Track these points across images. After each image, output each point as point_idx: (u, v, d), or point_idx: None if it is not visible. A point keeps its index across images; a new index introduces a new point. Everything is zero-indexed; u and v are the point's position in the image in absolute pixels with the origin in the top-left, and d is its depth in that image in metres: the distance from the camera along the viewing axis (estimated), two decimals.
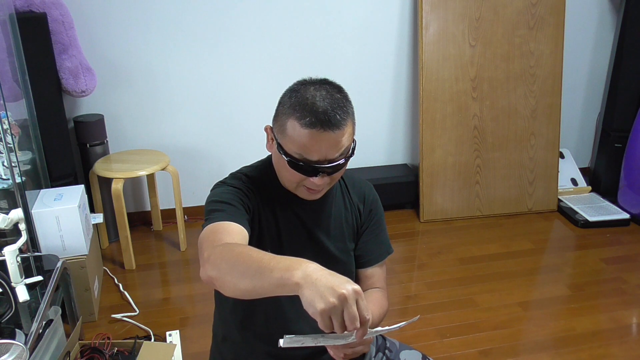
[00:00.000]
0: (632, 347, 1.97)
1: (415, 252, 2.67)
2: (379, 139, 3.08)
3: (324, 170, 1.00)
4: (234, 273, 0.82)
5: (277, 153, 1.04)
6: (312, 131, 0.96)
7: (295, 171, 1.01)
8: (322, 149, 0.98)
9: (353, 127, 1.03)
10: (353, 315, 0.70)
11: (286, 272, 0.75)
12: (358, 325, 0.71)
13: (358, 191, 1.23)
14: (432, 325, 2.08)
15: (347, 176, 1.22)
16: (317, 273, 0.73)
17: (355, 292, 0.71)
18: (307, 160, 0.99)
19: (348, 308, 0.70)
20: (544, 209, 3.03)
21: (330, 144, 0.98)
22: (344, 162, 1.03)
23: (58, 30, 2.30)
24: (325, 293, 0.70)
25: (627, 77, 3.01)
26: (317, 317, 0.70)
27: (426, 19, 2.73)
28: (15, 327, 1.47)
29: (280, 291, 0.77)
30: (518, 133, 2.93)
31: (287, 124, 1.00)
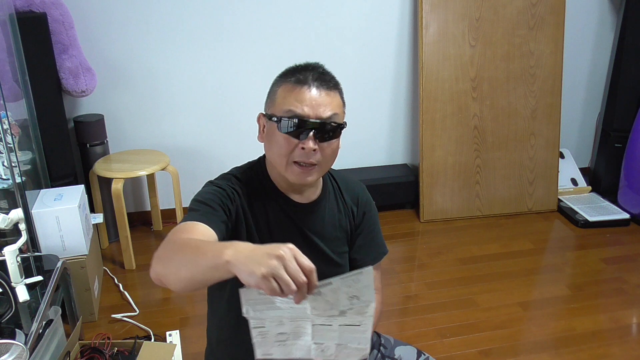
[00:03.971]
0: (632, 347, 1.97)
1: (415, 252, 2.67)
2: (379, 139, 3.08)
3: (315, 127, 1.00)
4: (175, 264, 0.83)
5: (268, 133, 1.05)
6: (303, 87, 1.00)
7: (285, 135, 1.01)
8: (312, 103, 1.00)
9: (343, 102, 1.08)
10: (295, 269, 0.71)
11: (217, 252, 0.75)
12: (303, 278, 0.71)
13: (351, 193, 1.22)
14: (432, 325, 2.08)
15: (339, 178, 1.23)
16: (247, 248, 0.74)
17: (290, 249, 0.72)
18: (298, 115, 0.99)
19: (288, 264, 0.71)
20: (544, 209, 3.03)
21: (320, 100, 1.01)
22: (335, 128, 1.03)
23: (58, 30, 2.30)
24: (262, 258, 0.70)
25: (627, 77, 3.01)
26: (262, 284, 0.70)
27: (426, 19, 2.73)
28: (15, 327, 1.47)
29: (216, 274, 0.77)
30: (518, 133, 2.93)
31: (277, 92, 1.04)
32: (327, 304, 0.82)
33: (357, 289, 0.82)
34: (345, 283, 0.81)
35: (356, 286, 0.81)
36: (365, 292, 0.83)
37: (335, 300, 0.83)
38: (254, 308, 0.82)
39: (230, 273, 0.74)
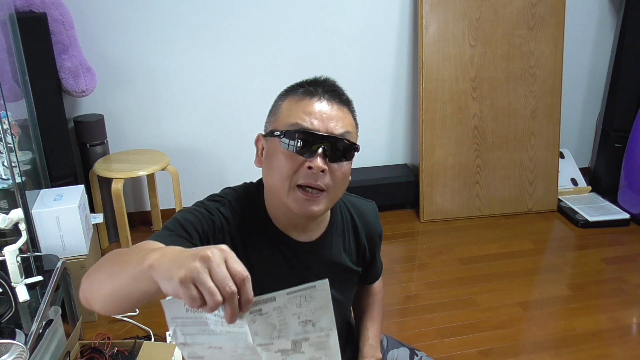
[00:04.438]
0: (632, 347, 1.97)
1: (415, 252, 2.67)
2: (379, 139, 3.08)
3: (325, 143, 0.86)
4: (98, 277, 0.72)
5: (269, 154, 0.91)
6: (313, 99, 0.89)
7: (289, 153, 0.86)
8: (323, 116, 0.87)
9: (356, 123, 0.95)
10: (222, 275, 0.57)
11: (142, 258, 0.63)
12: (232, 286, 0.58)
13: (365, 224, 1.09)
14: (432, 325, 2.08)
15: (351, 204, 1.09)
16: (176, 250, 0.63)
17: (221, 251, 0.59)
18: (305, 129, 0.86)
19: (214, 267, 0.58)
20: (544, 209, 3.03)
21: (332, 114, 0.88)
22: (348, 147, 0.89)
23: (58, 30, 2.30)
24: (184, 260, 0.58)
25: (627, 77, 3.01)
26: (179, 291, 0.57)
27: (426, 19, 2.73)
28: (15, 327, 1.47)
29: (140, 285, 0.64)
30: (518, 133, 2.93)
31: (281, 106, 0.92)
32: (272, 328, 0.66)
33: (310, 310, 0.66)
34: (293, 301, 0.65)
35: (308, 306, 0.66)
36: (322, 316, 0.67)
37: (283, 324, 0.66)
38: (183, 330, 0.66)
39: (154, 282, 0.61)
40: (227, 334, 0.66)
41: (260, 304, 0.64)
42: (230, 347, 0.68)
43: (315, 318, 0.67)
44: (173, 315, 0.65)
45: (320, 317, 0.67)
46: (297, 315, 0.67)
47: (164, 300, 0.63)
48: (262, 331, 0.66)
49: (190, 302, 0.58)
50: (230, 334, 0.66)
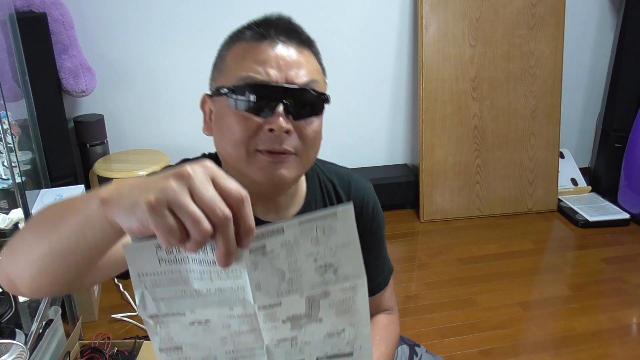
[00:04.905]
0: (632, 347, 1.97)
1: (415, 252, 2.67)
2: (379, 139, 3.08)
3: (286, 96, 0.69)
4: (26, 241, 0.53)
5: (218, 118, 0.75)
6: (263, 43, 0.72)
7: (242, 114, 0.69)
8: (279, 63, 0.70)
9: (322, 69, 0.78)
10: (210, 195, 0.42)
11: (88, 199, 0.47)
12: (225, 209, 0.42)
13: (355, 192, 0.91)
14: (432, 325, 2.08)
15: (331, 172, 0.91)
16: (135, 179, 0.46)
17: (206, 167, 0.44)
18: (259, 82, 0.69)
19: (198, 186, 0.42)
20: (544, 209, 3.02)
21: (292, 60, 0.71)
22: (316, 99, 0.72)
23: (58, 30, 2.30)
24: (153, 183, 0.42)
25: (627, 77, 3.00)
26: (149, 220, 0.41)
27: (426, 19, 2.73)
28: (15, 327, 1.47)
29: (88, 234, 0.47)
30: (518, 133, 2.93)
31: (227, 57, 0.75)
32: (279, 277, 0.49)
33: (330, 249, 0.49)
34: (307, 234, 0.48)
35: (328, 243, 0.49)
36: (346, 259, 0.50)
37: (294, 271, 0.49)
38: (155, 294, 0.48)
39: (108, 224, 0.45)
40: (217, 293, 0.49)
41: (264, 237, 0.47)
42: (221, 320, 0.51)
43: (337, 261, 0.50)
44: (140, 271, 0.47)
45: (343, 260, 0.50)
46: (313, 257, 0.49)
47: (127, 245, 0.45)
48: (266, 283, 0.49)
49: (166, 235, 0.41)
50: (223, 294, 0.49)
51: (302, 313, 0.52)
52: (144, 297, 0.49)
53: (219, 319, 0.51)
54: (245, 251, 0.47)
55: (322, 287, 0.51)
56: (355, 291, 0.52)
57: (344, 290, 0.52)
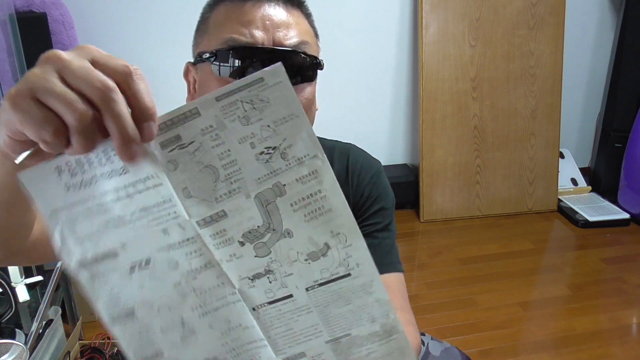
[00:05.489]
0: (632, 347, 1.97)
1: (415, 252, 2.67)
2: (379, 139, 3.08)
3: (271, 59, 0.61)
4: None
5: (202, 85, 0.69)
6: (248, 3, 0.65)
7: (225, 80, 0.63)
8: (266, 23, 0.64)
9: (314, 31, 0.74)
10: (84, 68, 0.34)
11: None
12: (106, 80, 0.34)
13: (353, 163, 0.82)
14: (432, 325, 2.08)
15: (339, 148, 0.84)
16: None
17: (82, 48, 0.36)
18: (243, 43, 0.63)
19: (70, 65, 0.34)
20: (544, 209, 3.02)
21: (279, 20, 0.65)
22: (307, 62, 0.66)
23: (58, 30, 2.30)
24: (20, 81, 0.35)
25: (627, 77, 3.00)
26: (13, 118, 0.34)
27: (426, 19, 2.73)
28: (15, 327, 1.47)
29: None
30: (518, 133, 2.93)
31: (210, 20, 0.70)
32: (211, 176, 0.39)
33: (267, 127, 0.38)
34: (231, 114, 0.38)
35: (263, 119, 0.38)
36: (296, 136, 0.39)
37: (229, 163, 0.39)
38: (77, 235, 0.40)
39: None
40: (143, 215, 0.40)
41: (175, 125, 0.39)
42: (162, 255, 0.41)
43: (282, 141, 0.39)
44: (52, 207, 0.39)
45: (290, 139, 0.39)
46: (248, 142, 0.39)
47: (22, 173, 0.38)
48: (195, 186, 0.39)
49: (37, 130, 0.33)
50: (149, 213, 0.40)
51: (259, 224, 0.41)
52: (65, 239, 0.40)
53: (160, 255, 0.41)
54: (154, 147, 0.38)
55: (271, 179, 0.40)
56: (319, 179, 0.40)
57: (302, 180, 0.40)
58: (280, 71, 0.38)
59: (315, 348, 0.45)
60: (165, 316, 0.43)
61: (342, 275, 0.43)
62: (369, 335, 0.45)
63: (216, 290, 0.43)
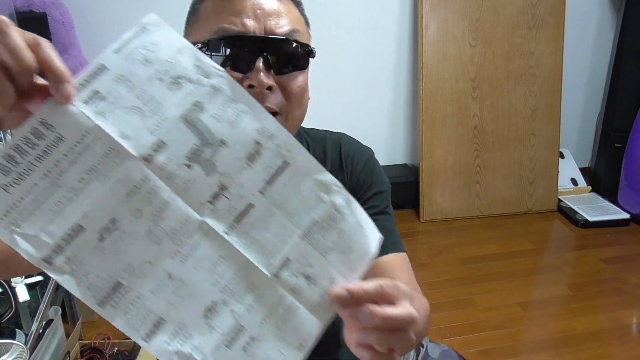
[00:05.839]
0: (633, 347, 1.97)
1: (415, 252, 2.67)
2: (379, 139, 3.08)
3: (265, 48, 0.63)
4: None
5: None
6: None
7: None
8: (256, 12, 0.64)
9: (305, 19, 0.73)
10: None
11: None
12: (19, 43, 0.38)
13: (346, 152, 0.85)
14: (432, 325, 2.07)
15: (332, 138, 0.86)
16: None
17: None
18: (234, 33, 0.63)
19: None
20: (544, 209, 3.02)
21: (269, 8, 0.65)
22: (299, 50, 0.66)
23: (58, 30, 2.30)
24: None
25: (627, 77, 3.01)
26: None
27: (426, 19, 2.73)
28: (15, 327, 1.47)
29: None
30: (518, 133, 2.93)
31: (200, 9, 0.69)
32: (137, 113, 0.43)
33: (167, 62, 0.46)
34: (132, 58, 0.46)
35: (160, 58, 0.46)
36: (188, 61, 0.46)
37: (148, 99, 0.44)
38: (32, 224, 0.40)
39: None
40: (92, 174, 0.41)
41: (90, 82, 0.43)
42: (126, 216, 0.42)
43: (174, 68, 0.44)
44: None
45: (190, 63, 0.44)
46: (157, 78, 0.44)
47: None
48: (127, 126, 0.42)
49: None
50: (96, 172, 0.41)
51: (196, 142, 0.44)
52: (27, 237, 0.40)
53: (122, 209, 0.42)
54: (80, 106, 0.41)
55: (187, 99, 0.44)
56: (222, 86, 0.45)
57: (210, 91, 0.45)
58: (156, 18, 0.46)
59: (295, 248, 0.47)
60: (149, 276, 0.43)
61: (281, 165, 0.46)
62: (330, 215, 0.48)
63: (186, 227, 0.44)
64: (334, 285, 0.48)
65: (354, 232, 0.49)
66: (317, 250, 0.47)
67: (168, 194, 0.43)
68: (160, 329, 0.43)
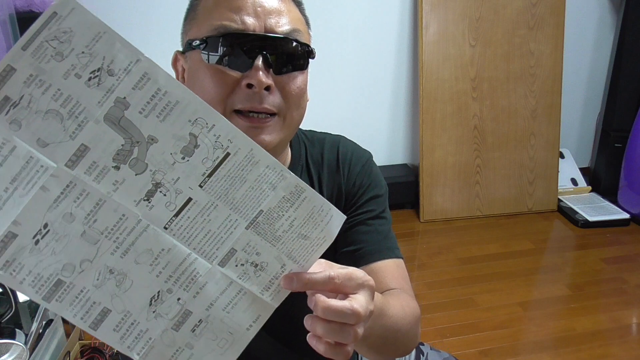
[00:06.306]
0: (633, 347, 1.97)
1: (415, 252, 2.67)
2: (379, 139, 3.08)
3: (265, 46, 0.61)
4: None
5: (191, 75, 0.69)
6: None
7: (216, 68, 0.62)
8: (257, 10, 0.63)
9: (305, 19, 0.72)
10: None
11: None
12: None
13: (343, 153, 0.82)
14: (432, 325, 2.08)
15: (330, 140, 0.85)
16: None
17: None
18: (234, 30, 0.62)
19: None
20: (544, 209, 3.02)
21: (270, 6, 0.64)
22: (299, 50, 0.65)
23: None
24: None
25: (627, 77, 3.01)
26: None
27: (426, 19, 2.73)
28: (15, 327, 1.47)
29: None
30: (518, 133, 2.93)
31: (199, 6, 0.68)
32: (55, 117, 0.41)
33: (82, 54, 0.41)
34: (42, 53, 0.40)
35: (75, 48, 0.40)
36: (110, 51, 0.43)
37: (66, 99, 0.40)
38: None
39: None
40: (15, 185, 0.40)
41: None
42: (52, 212, 0.42)
43: (102, 60, 0.42)
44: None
45: (108, 55, 0.42)
46: (73, 74, 0.40)
47: None
48: (46, 133, 0.40)
49: None
50: (19, 181, 0.41)
51: (122, 142, 0.42)
52: None
53: (52, 214, 0.42)
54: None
55: (108, 97, 0.42)
56: (152, 79, 0.43)
57: (138, 86, 0.43)
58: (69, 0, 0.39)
59: (240, 239, 0.47)
60: (90, 271, 0.44)
61: (223, 157, 0.45)
62: (279, 204, 0.48)
63: (122, 225, 0.44)
64: (284, 271, 0.49)
65: (308, 219, 0.49)
66: (265, 239, 0.48)
67: (99, 196, 0.43)
68: (106, 318, 0.45)
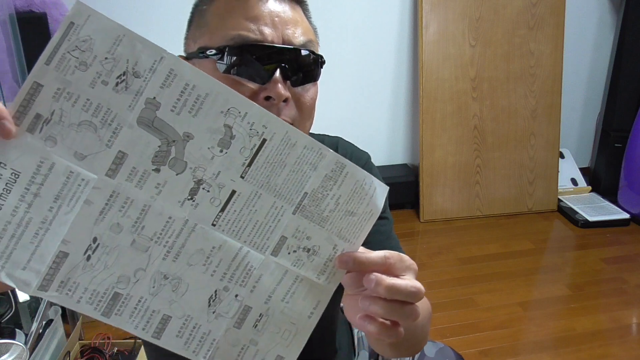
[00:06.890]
0: (633, 347, 1.97)
1: (415, 252, 2.67)
2: (379, 139, 3.08)
3: (284, 59, 0.60)
4: None
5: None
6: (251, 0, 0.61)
7: (233, 79, 0.60)
8: (274, 20, 0.61)
9: (313, 26, 0.73)
10: None
11: None
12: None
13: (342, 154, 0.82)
14: (432, 325, 2.07)
15: (329, 141, 0.86)
16: None
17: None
18: (253, 41, 0.59)
19: None
20: (544, 209, 3.02)
21: (286, 16, 0.62)
22: (315, 61, 0.65)
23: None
24: None
25: (627, 77, 3.01)
26: None
27: (426, 19, 2.73)
28: (15, 327, 1.47)
29: None
30: (518, 133, 2.93)
31: (208, 13, 0.64)
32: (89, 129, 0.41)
33: (105, 59, 0.41)
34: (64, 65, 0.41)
35: (94, 53, 0.41)
36: (132, 50, 0.43)
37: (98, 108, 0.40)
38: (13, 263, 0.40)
39: None
40: (59, 203, 0.40)
41: (28, 106, 0.39)
42: (100, 225, 0.41)
43: (125, 64, 0.41)
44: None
45: (133, 55, 0.42)
46: (100, 81, 0.40)
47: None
48: (83, 145, 0.40)
49: None
50: (63, 199, 0.40)
51: (158, 144, 0.42)
52: (11, 276, 0.40)
53: (100, 227, 0.42)
54: (25, 136, 0.39)
55: (138, 100, 0.41)
56: (179, 75, 0.43)
57: (166, 84, 0.42)
58: (83, 7, 0.41)
59: (289, 225, 0.47)
60: (145, 279, 0.44)
61: (260, 144, 0.44)
62: (323, 183, 0.47)
63: (170, 228, 0.44)
64: (337, 252, 0.49)
65: (353, 194, 0.49)
66: (313, 222, 0.47)
67: (143, 202, 0.42)
68: (167, 325, 0.45)
